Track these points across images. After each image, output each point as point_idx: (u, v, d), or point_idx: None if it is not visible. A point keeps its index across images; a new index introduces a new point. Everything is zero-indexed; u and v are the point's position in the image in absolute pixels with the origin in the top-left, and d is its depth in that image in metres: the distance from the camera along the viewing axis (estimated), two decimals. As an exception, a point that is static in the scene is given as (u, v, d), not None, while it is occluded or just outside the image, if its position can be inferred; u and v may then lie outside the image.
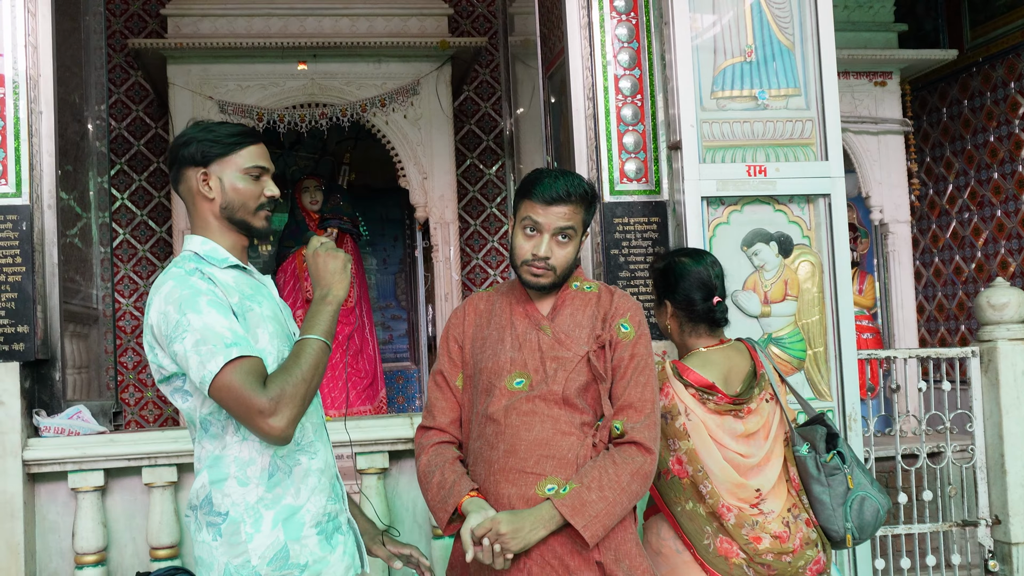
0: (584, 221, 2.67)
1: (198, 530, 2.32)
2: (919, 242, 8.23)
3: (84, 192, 4.81)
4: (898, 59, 7.31)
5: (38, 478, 3.92)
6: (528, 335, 2.65)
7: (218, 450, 2.29)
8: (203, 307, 2.19)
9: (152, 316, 2.25)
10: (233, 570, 2.24)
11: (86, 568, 3.86)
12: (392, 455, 4.11)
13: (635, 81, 4.30)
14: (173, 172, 2.44)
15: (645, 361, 2.62)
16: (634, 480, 2.50)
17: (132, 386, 7.83)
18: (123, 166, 7.83)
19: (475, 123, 8.34)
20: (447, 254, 7.48)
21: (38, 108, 3.99)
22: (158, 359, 2.28)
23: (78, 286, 4.59)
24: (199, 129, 2.40)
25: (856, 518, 2.95)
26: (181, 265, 2.31)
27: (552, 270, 2.63)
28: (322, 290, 2.36)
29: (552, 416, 2.56)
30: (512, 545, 2.42)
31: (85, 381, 4.66)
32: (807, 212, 4.16)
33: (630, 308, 2.68)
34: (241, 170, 2.38)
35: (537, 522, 2.44)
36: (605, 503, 2.45)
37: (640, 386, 2.59)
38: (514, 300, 2.74)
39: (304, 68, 7.17)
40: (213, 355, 2.13)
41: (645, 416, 2.56)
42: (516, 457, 2.54)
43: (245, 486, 2.27)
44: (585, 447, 2.55)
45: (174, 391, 2.32)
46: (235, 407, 2.15)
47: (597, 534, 2.45)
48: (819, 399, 4.07)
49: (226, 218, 2.39)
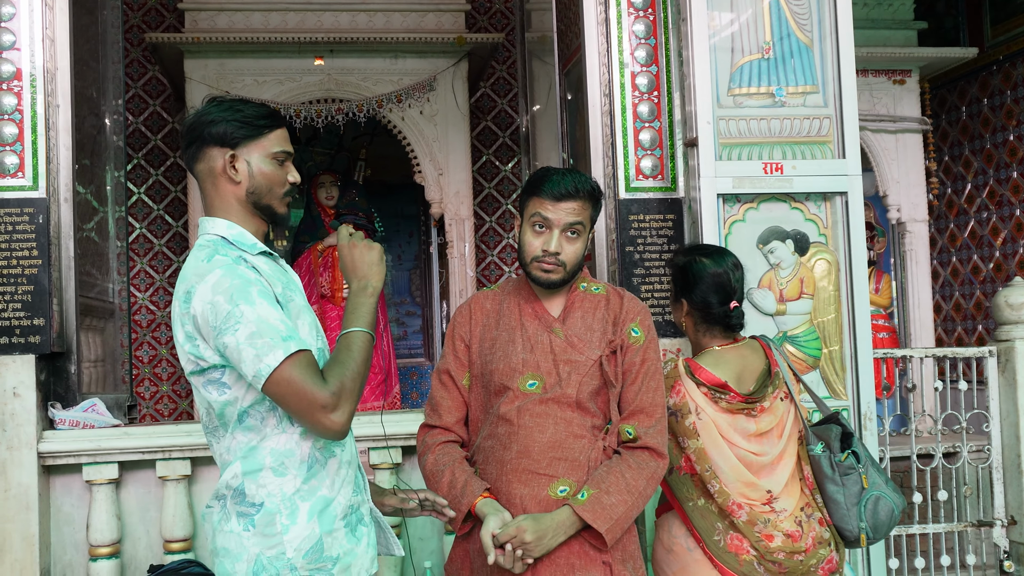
0: (591, 218, 2.69)
1: (224, 520, 2.26)
2: (937, 241, 8.18)
3: (101, 186, 4.83)
4: (917, 57, 7.26)
5: (53, 470, 3.94)
6: (539, 337, 2.67)
7: (255, 440, 2.23)
8: (255, 298, 2.13)
9: (196, 306, 2.14)
10: (266, 562, 2.19)
11: (100, 560, 3.88)
12: (405, 450, 4.12)
13: (652, 78, 4.28)
14: (193, 150, 2.33)
15: (655, 366, 2.67)
16: (649, 484, 2.55)
17: (147, 380, 7.86)
18: (140, 160, 7.86)
19: (491, 119, 8.33)
20: (462, 250, 7.48)
21: (55, 102, 4.01)
22: (198, 350, 2.18)
23: (94, 280, 4.61)
24: (224, 108, 2.31)
25: (871, 518, 2.93)
26: (219, 251, 2.22)
27: (562, 266, 2.64)
28: (360, 282, 2.32)
29: (565, 419, 2.58)
30: (535, 552, 2.46)
31: (100, 374, 4.68)
32: (824, 210, 4.14)
33: (639, 312, 2.71)
34: (269, 154, 2.32)
35: (559, 528, 2.48)
36: (624, 507, 2.49)
37: (651, 391, 2.63)
38: (522, 300, 2.75)
39: (320, 63, 7.18)
40: (271, 349, 2.08)
41: (656, 421, 2.61)
42: (529, 458, 2.56)
43: (283, 476, 2.22)
44: (596, 450, 2.58)
45: (208, 382, 2.23)
46: (294, 402, 2.10)
47: (616, 537, 2.50)
48: (834, 398, 4.05)
49: (252, 203, 2.32)
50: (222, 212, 2.32)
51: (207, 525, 2.33)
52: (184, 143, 2.34)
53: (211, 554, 2.32)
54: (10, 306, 3.82)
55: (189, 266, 2.23)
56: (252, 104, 2.34)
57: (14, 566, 3.77)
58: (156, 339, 7.88)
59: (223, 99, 2.35)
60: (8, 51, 3.90)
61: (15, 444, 3.80)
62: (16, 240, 3.84)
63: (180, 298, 2.20)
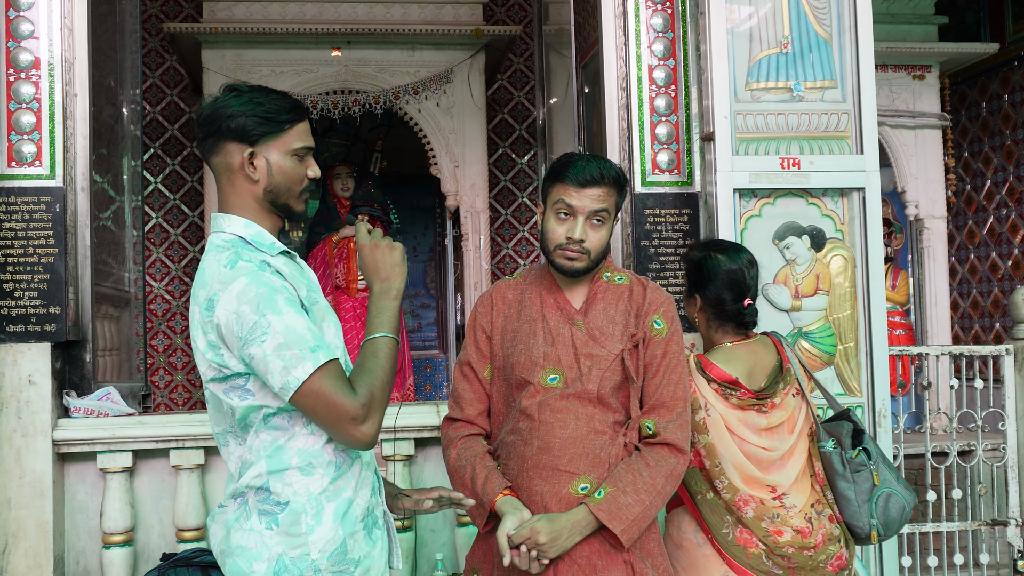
0: (616, 205, 2.65)
1: (244, 517, 2.18)
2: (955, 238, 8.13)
3: (117, 175, 4.84)
4: (938, 52, 7.22)
5: (67, 458, 3.96)
6: (561, 329, 2.62)
7: (281, 440, 2.16)
8: (282, 307, 2.05)
9: (220, 315, 2.07)
10: (289, 562, 2.13)
11: (113, 548, 3.90)
12: (417, 442, 4.12)
13: (669, 71, 4.27)
14: (210, 142, 2.22)
15: (677, 358, 2.61)
16: (668, 482, 2.51)
17: (162, 369, 7.89)
18: (157, 150, 7.89)
19: (508, 112, 8.32)
20: (477, 243, 7.47)
21: (73, 91, 4.02)
22: (222, 359, 2.12)
23: (110, 269, 4.63)
24: (244, 100, 2.19)
25: (881, 515, 2.92)
26: (241, 256, 2.13)
27: (587, 254, 2.59)
28: (383, 284, 2.24)
29: (586, 414, 2.54)
30: (550, 553, 2.43)
31: (115, 363, 4.69)
32: (841, 206, 4.12)
33: (663, 303, 2.65)
34: (289, 151, 2.22)
35: (574, 528, 2.45)
36: (641, 506, 2.45)
37: (672, 384, 2.58)
38: (544, 289, 2.69)
39: (338, 55, 7.18)
40: (300, 360, 2.02)
41: (676, 415, 2.56)
42: (550, 455, 2.53)
43: (310, 476, 2.16)
44: (617, 446, 2.54)
45: (231, 389, 2.15)
46: (324, 414, 2.05)
47: (633, 537, 2.46)
48: (849, 394, 4.03)
49: (269, 201, 2.23)
50: (238, 209, 2.23)
51: (216, 526, 2.26)
52: (200, 134, 2.24)
53: (220, 555, 2.24)
54: (26, 294, 3.84)
55: (210, 270, 2.14)
56: (273, 96, 2.23)
57: (28, 552, 3.80)
58: (171, 328, 7.91)
59: (242, 89, 2.22)
60: (27, 40, 3.91)
61: (30, 431, 3.82)
62: (33, 228, 3.86)
63: (201, 304, 2.12)
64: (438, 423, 4.08)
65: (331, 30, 7.01)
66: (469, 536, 4.13)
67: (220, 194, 2.26)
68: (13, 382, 3.83)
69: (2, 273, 3.83)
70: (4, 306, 3.83)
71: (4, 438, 3.80)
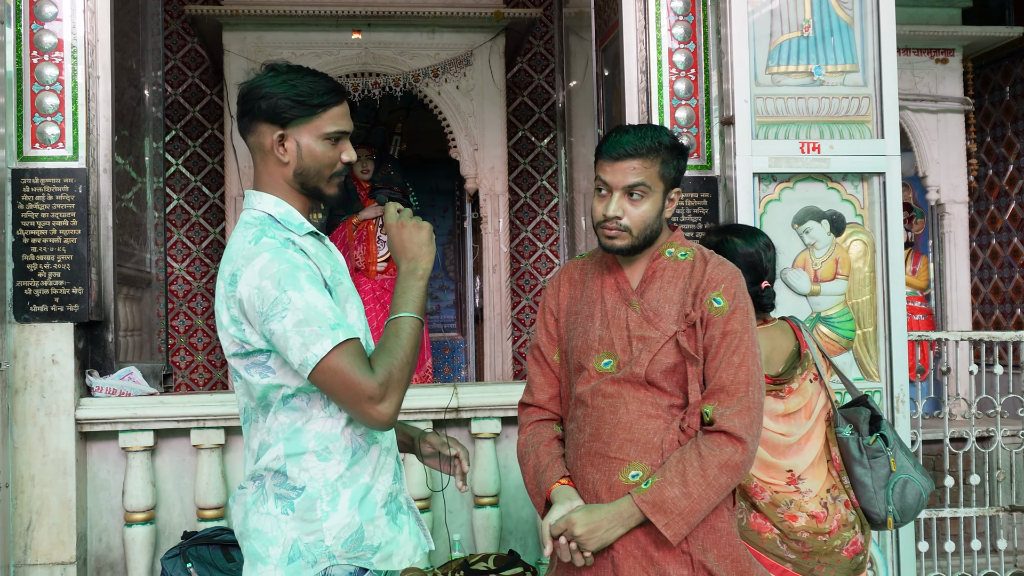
0: (662, 175, 2.45)
1: (261, 501, 2.17)
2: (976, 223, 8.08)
3: (139, 157, 4.88)
4: (961, 36, 7.15)
5: (90, 436, 4.01)
6: (617, 311, 2.49)
7: (299, 423, 2.16)
8: (303, 284, 2.05)
9: (242, 290, 2.07)
10: (303, 548, 2.12)
11: (135, 526, 3.94)
12: (435, 424, 4.15)
13: (689, 55, 4.25)
14: (245, 121, 2.21)
15: (740, 338, 2.38)
16: (723, 473, 2.30)
17: (183, 349, 7.95)
18: (178, 132, 7.92)
19: (528, 95, 8.31)
20: (496, 226, 7.48)
21: (95, 73, 4.05)
22: (244, 334, 2.11)
23: (132, 250, 4.66)
24: (280, 81, 2.16)
25: (898, 501, 2.92)
26: (266, 233, 2.13)
27: (627, 231, 2.44)
28: (409, 264, 2.22)
29: (637, 399, 2.40)
30: (589, 545, 2.32)
31: (137, 343, 4.74)
32: (861, 190, 4.10)
33: (724, 278, 2.43)
34: (322, 135, 2.19)
35: (615, 520, 2.32)
36: (689, 500, 2.29)
37: (733, 367, 2.36)
38: (605, 269, 2.57)
39: (358, 37, 7.18)
40: (319, 337, 2.01)
41: (737, 400, 2.34)
42: (600, 441, 2.42)
43: (327, 461, 2.15)
44: (672, 431, 2.38)
45: (252, 365, 2.14)
46: (341, 392, 2.04)
47: (680, 532, 2.30)
48: (867, 379, 4.03)
49: (299, 184, 2.21)
50: (269, 188, 2.23)
51: (237, 507, 2.25)
52: (238, 112, 2.24)
53: (240, 536, 2.24)
54: (50, 275, 3.88)
55: (235, 245, 2.14)
56: (310, 78, 2.19)
57: (52, 529, 3.85)
58: (192, 309, 7.96)
59: (280, 68, 2.20)
60: (50, 22, 3.94)
61: (53, 410, 3.87)
62: (56, 210, 3.90)
63: (225, 279, 2.12)
64: (454, 405, 4.11)
65: (352, 12, 7.00)
66: (487, 517, 4.16)
67: (255, 172, 2.26)
68: (37, 361, 3.87)
69: (26, 254, 3.87)
70: (28, 286, 3.87)
71: (28, 416, 3.85)
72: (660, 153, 2.45)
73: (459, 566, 3.98)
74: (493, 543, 4.17)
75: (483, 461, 4.17)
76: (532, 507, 4.27)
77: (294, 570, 2.13)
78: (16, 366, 3.85)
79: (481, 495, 4.17)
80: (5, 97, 3.84)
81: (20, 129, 3.91)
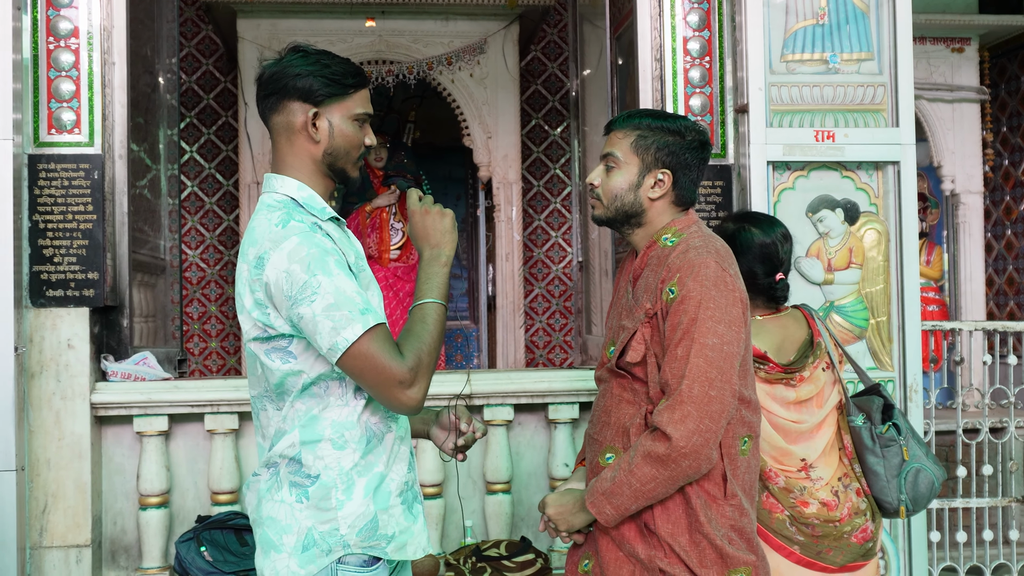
0: (636, 149, 2.44)
1: (275, 489, 2.18)
2: (991, 214, 8.04)
3: (154, 144, 4.89)
4: (977, 24, 7.10)
5: (105, 421, 4.03)
6: (625, 299, 2.52)
7: (316, 410, 2.16)
8: (332, 268, 2.05)
9: (269, 273, 2.06)
10: (318, 537, 2.13)
11: (150, 509, 3.97)
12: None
13: (704, 43, 4.24)
14: (272, 100, 2.21)
15: (685, 330, 2.29)
16: (645, 463, 2.28)
17: (197, 336, 7.99)
18: (192, 119, 7.94)
19: (541, 83, 8.30)
20: (509, 214, 7.48)
21: (111, 59, 4.06)
22: (268, 318, 2.10)
23: (146, 236, 4.68)
24: (311, 61, 2.19)
25: (910, 490, 2.91)
26: (293, 216, 2.13)
27: (599, 199, 2.49)
28: (433, 250, 2.23)
29: (620, 385, 2.46)
30: (561, 527, 2.46)
31: (151, 329, 4.76)
32: (875, 179, 4.09)
33: (681, 267, 2.34)
34: (351, 115, 2.21)
35: (577, 505, 2.43)
36: (612, 483, 2.31)
37: (675, 360, 2.30)
38: (631, 255, 2.59)
39: (372, 25, 7.18)
40: (349, 322, 2.01)
41: (672, 398, 2.27)
42: (592, 424, 2.55)
43: (342, 450, 2.15)
44: (640, 417, 2.39)
45: (273, 350, 2.14)
46: (371, 377, 2.05)
47: (603, 510, 2.33)
48: (880, 369, 4.02)
49: (327, 164, 2.22)
50: (293, 170, 2.22)
51: (251, 493, 2.26)
52: (262, 92, 2.23)
53: (253, 523, 2.24)
54: (65, 260, 3.90)
55: (260, 228, 2.14)
56: (338, 60, 2.22)
57: (67, 512, 3.88)
58: (206, 296, 7.99)
59: (308, 50, 2.23)
60: (66, 8, 3.95)
61: (68, 394, 3.89)
62: (72, 195, 3.92)
63: (250, 262, 2.11)
64: (467, 392, 4.12)
65: (366, 0, 7.00)
66: (499, 503, 4.18)
67: (276, 154, 2.25)
68: (52, 346, 3.90)
69: (42, 239, 3.90)
70: (44, 271, 3.89)
71: (43, 400, 3.88)
72: (640, 128, 2.45)
73: (471, 552, 3.99)
74: (505, 529, 4.19)
75: (496, 448, 4.18)
76: (543, 494, 4.28)
77: (308, 558, 2.13)
78: (32, 350, 3.88)
79: (493, 482, 4.19)
80: (22, 83, 3.86)
81: (36, 115, 3.93)
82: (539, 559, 3.99)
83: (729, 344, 2.31)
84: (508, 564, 3.93)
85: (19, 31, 3.84)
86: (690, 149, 2.48)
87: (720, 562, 2.33)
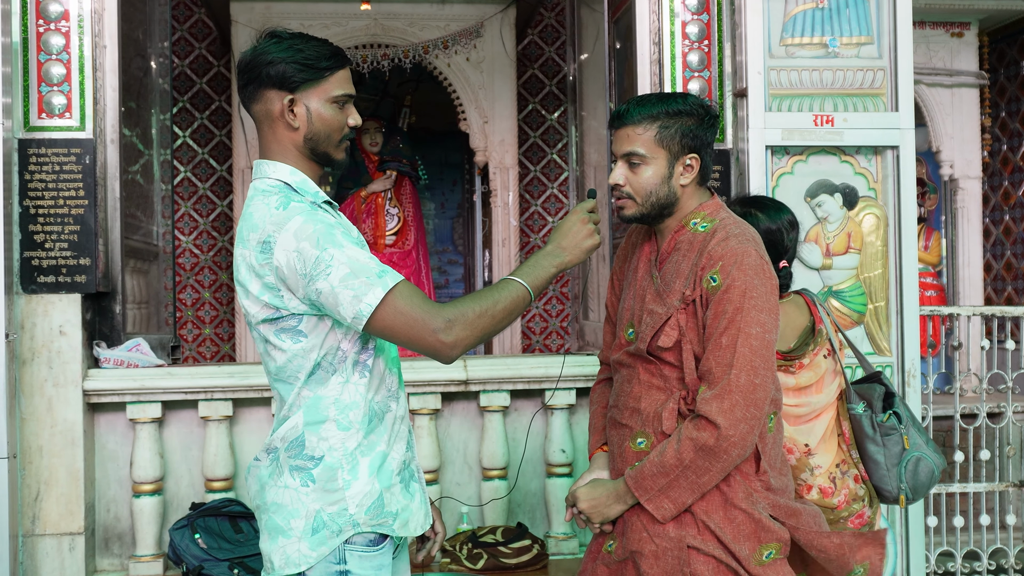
0: (661, 141, 2.41)
1: (277, 475, 2.18)
2: (990, 199, 8.02)
3: (146, 129, 4.85)
4: (977, 9, 7.06)
5: (98, 408, 4.01)
6: (644, 282, 2.51)
7: (320, 391, 2.16)
8: (341, 240, 2.06)
9: (279, 256, 2.06)
10: (327, 518, 2.13)
11: (143, 496, 3.95)
12: (444, 396, 4.14)
13: (703, 26, 4.21)
14: (250, 89, 2.20)
15: (731, 318, 2.30)
16: (697, 456, 2.29)
17: (190, 323, 7.95)
18: (185, 104, 7.88)
19: (538, 67, 8.25)
20: (506, 199, 7.45)
21: (102, 43, 4.02)
22: (280, 300, 2.10)
23: (139, 222, 4.65)
24: (284, 46, 2.16)
25: (911, 479, 2.90)
26: (292, 198, 2.13)
27: (630, 198, 2.45)
28: (558, 249, 2.26)
29: (648, 371, 2.44)
30: (595, 519, 2.46)
31: (144, 316, 4.73)
32: (874, 164, 4.07)
33: (723, 255, 2.35)
34: (329, 98, 2.19)
35: (612, 497, 2.44)
36: (667, 479, 2.32)
37: (720, 348, 2.31)
38: (646, 237, 2.58)
39: (367, 8, 7.12)
40: (369, 287, 2.03)
41: (719, 386, 2.29)
42: (617, 408, 2.52)
43: (346, 431, 2.15)
44: (673, 403, 2.39)
45: (282, 331, 2.14)
46: (403, 331, 2.05)
47: (663, 508, 2.33)
48: (878, 354, 4.01)
49: (309, 149, 2.21)
50: (279, 156, 2.22)
51: (252, 479, 2.25)
52: (241, 81, 2.22)
53: (256, 509, 2.24)
54: (57, 245, 3.87)
55: (259, 213, 2.13)
56: (314, 42, 2.19)
57: (60, 499, 3.86)
58: (199, 282, 7.95)
59: (282, 35, 2.19)
60: (56, -10, 3.91)
61: (61, 381, 3.86)
62: (63, 180, 3.88)
63: (255, 248, 2.10)
64: (463, 378, 4.10)
65: (360, -17, 6.95)
66: (495, 490, 4.16)
67: (261, 142, 2.25)
68: (44, 332, 3.87)
69: (33, 224, 3.86)
70: (35, 257, 3.86)
71: (36, 387, 3.85)
72: (659, 119, 2.42)
73: (467, 538, 3.98)
74: (501, 516, 4.17)
75: (492, 434, 4.16)
76: (540, 480, 4.27)
77: (319, 540, 2.14)
78: (24, 337, 3.85)
79: (489, 468, 4.17)
80: (11, 67, 3.82)
81: (27, 99, 3.89)
82: (535, 545, 3.97)
83: (770, 332, 2.35)
84: (504, 550, 3.92)
85: (8, 14, 3.80)
86: (708, 128, 2.48)
87: (755, 536, 2.35)
